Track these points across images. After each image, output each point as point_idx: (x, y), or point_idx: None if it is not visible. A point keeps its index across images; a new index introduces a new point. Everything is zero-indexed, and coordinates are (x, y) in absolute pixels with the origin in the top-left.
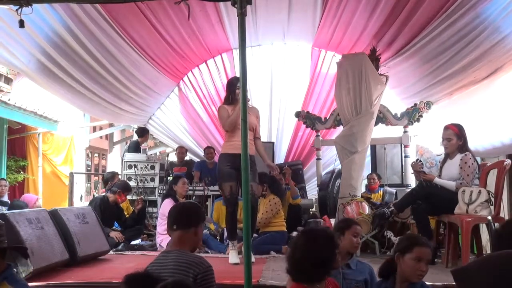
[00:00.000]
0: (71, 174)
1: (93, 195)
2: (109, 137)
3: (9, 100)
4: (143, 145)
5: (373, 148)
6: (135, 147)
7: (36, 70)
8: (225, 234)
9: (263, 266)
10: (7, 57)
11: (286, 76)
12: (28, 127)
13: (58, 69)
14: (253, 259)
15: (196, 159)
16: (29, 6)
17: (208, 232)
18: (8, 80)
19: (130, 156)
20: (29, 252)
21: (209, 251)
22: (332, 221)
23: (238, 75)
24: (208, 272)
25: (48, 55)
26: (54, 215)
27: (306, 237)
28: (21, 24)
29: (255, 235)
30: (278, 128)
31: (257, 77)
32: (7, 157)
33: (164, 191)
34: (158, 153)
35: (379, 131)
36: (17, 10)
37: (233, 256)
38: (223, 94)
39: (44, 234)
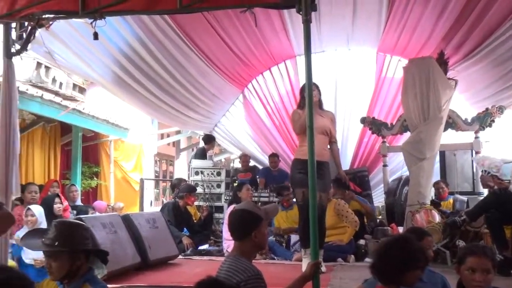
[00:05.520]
0: (142, 180)
1: (162, 201)
2: (176, 144)
3: (83, 109)
4: (209, 152)
5: (442, 154)
6: (201, 154)
7: (110, 81)
8: (291, 241)
9: (330, 274)
10: (84, 69)
11: (350, 81)
12: (101, 134)
13: (130, 79)
14: (324, 269)
15: (261, 167)
16: (103, 19)
17: (274, 239)
18: (81, 90)
19: (197, 163)
20: None
21: (275, 257)
22: (400, 229)
23: (302, 81)
24: (251, 280)
25: (121, 65)
26: (127, 220)
27: (396, 243)
28: (95, 36)
29: None
30: (343, 135)
31: (321, 83)
32: (82, 164)
33: (229, 197)
34: (223, 160)
35: (449, 137)
36: (91, 23)
37: (306, 264)
38: (287, 100)
39: (117, 238)
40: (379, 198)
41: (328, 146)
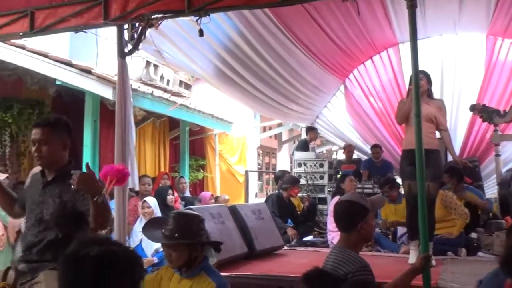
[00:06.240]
0: (246, 172)
1: (266, 193)
2: (277, 136)
3: (190, 104)
4: (311, 143)
5: None
6: (303, 146)
7: (213, 75)
8: (398, 233)
9: (441, 268)
10: (190, 65)
11: (457, 67)
12: (206, 128)
13: (232, 73)
14: (434, 262)
15: (364, 157)
16: (207, 16)
17: (380, 231)
18: (187, 86)
19: (299, 155)
20: None
21: (381, 250)
22: None
23: (405, 69)
24: (359, 272)
25: (223, 60)
26: (233, 211)
27: None
28: (201, 33)
29: None
30: (450, 123)
31: (426, 71)
32: (189, 157)
33: (333, 189)
34: (325, 151)
35: None
36: (196, 20)
37: (413, 256)
38: (389, 89)
39: (225, 228)
40: (491, 190)
41: (438, 135)
